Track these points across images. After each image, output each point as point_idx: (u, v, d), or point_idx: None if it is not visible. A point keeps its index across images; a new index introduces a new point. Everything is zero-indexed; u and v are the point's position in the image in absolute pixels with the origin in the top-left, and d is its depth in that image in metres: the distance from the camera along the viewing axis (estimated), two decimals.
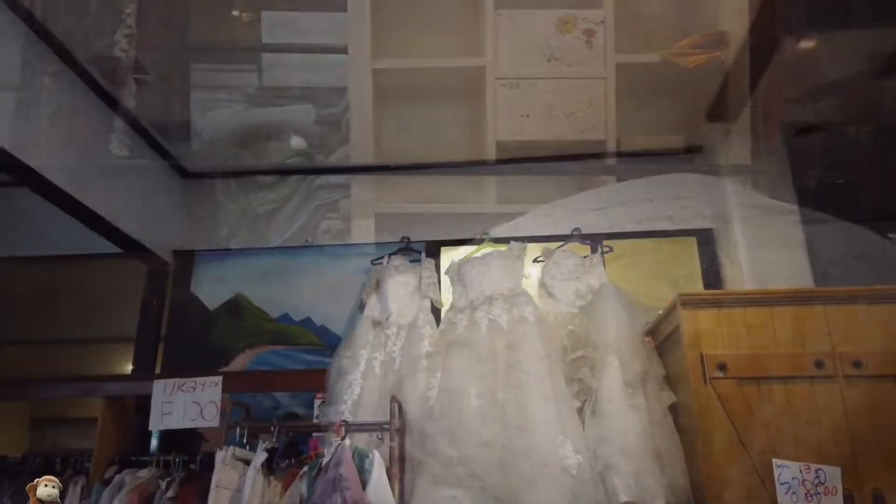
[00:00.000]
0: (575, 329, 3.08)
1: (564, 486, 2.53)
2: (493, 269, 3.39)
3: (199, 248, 3.90)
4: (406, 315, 3.39)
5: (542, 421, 2.70)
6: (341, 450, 2.48)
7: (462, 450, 2.72)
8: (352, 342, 3.29)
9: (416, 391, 3.00)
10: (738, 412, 2.37)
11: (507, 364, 2.97)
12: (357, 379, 3.11)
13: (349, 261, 3.80)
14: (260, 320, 3.73)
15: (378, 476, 2.48)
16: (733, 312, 2.51)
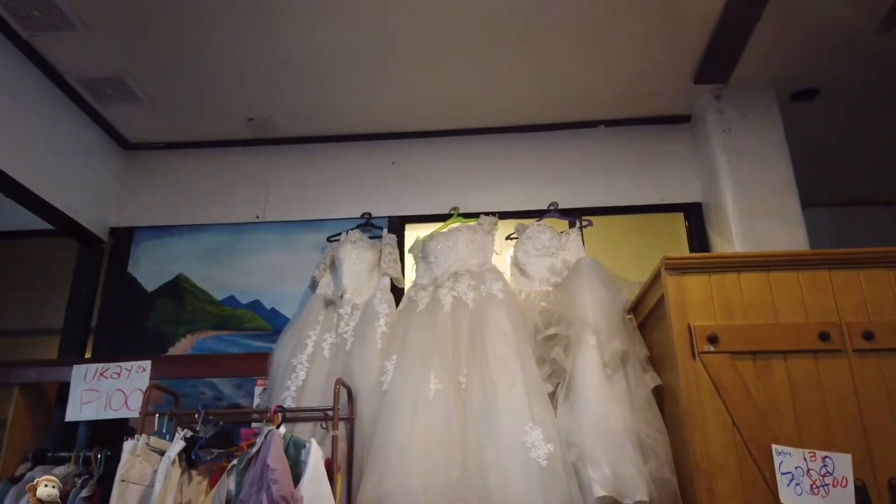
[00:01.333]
0: (548, 306, 2.75)
1: (533, 479, 2.18)
2: (461, 245, 3.06)
3: (139, 225, 3.54)
4: (362, 294, 3.04)
5: (509, 406, 2.36)
6: (271, 437, 2.12)
7: (418, 440, 2.36)
8: (299, 322, 2.94)
9: (368, 375, 2.65)
10: (732, 391, 2.04)
11: (470, 344, 2.64)
12: (302, 362, 2.75)
13: (303, 238, 3.46)
14: (203, 303, 3.37)
15: (315, 468, 2.12)
16: (726, 279, 2.18)
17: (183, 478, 2.22)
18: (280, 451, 2.07)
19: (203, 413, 2.32)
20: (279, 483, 1.99)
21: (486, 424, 2.37)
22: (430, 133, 3.59)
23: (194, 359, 3.05)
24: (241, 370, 2.91)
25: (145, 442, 2.19)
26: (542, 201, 3.33)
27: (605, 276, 2.77)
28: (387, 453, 2.34)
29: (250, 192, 3.56)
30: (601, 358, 2.44)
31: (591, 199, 3.42)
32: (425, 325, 2.74)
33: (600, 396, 2.32)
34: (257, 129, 3.53)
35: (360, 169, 3.58)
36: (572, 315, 2.58)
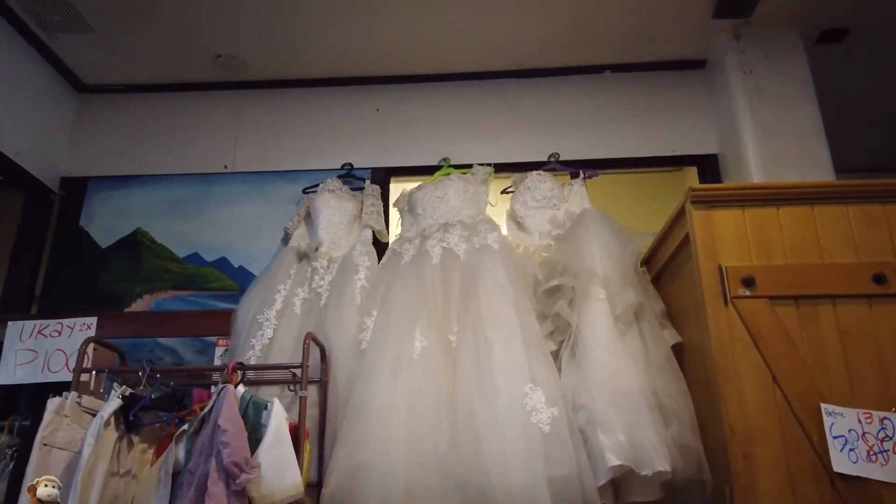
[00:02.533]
0: (550, 256, 2.42)
1: (534, 447, 1.86)
2: (452, 195, 2.73)
3: (93, 175, 3.17)
4: (340, 247, 2.70)
5: (505, 366, 2.04)
6: (224, 394, 1.78)
7: (400, 404, 2.03)
8: (268, 276, 2.60)
9: (345, 333, 2.32)
10: (772, 342, 1.72)
11: (462, 299, 2.30)
12: (270, 319, 2.41)
13: (277, 190, 3.11)
14: (163, 261, 3.01)
15: (276, 432, 1.78)
16: (763, 213, 1.86)
17: (120, 444, 1.88)
18: (233, 410, 1.74)
19: (148, 370, 1.98)
20: (231, 447, 1.65)
21: (479, 386, 2.04)
22: (418, 77, 3.26)
23: (148, 316, 2.70)
24: (200, 329, 2.57)
25: (75, 400, 1.84)
26: (541, 153, 3.01)
27: (615, 227, 2.44)
28: (363, 418, 2.00)
29: (218, 140, 3.21)
30: (612, 312, 2.12)
31: (595, 150, 3.10)
32: (411, 278, 2.41)
33: (612, 353, 2.00)
34: (226, 69, 3.17)
35: (341, 116, 3.23)
36: (578, 265, 2.25)
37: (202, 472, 1.68)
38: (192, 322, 2.60)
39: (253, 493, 1.69)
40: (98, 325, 2.43)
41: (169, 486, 1.88)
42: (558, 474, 1.83)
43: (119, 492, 1.85)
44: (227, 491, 1.63)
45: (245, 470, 1.64)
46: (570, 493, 1.80)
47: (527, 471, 1.84)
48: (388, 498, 1.83)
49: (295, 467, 1.77)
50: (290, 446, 1.79)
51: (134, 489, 1.92)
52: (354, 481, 1.88)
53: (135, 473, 1.93)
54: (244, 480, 1.63)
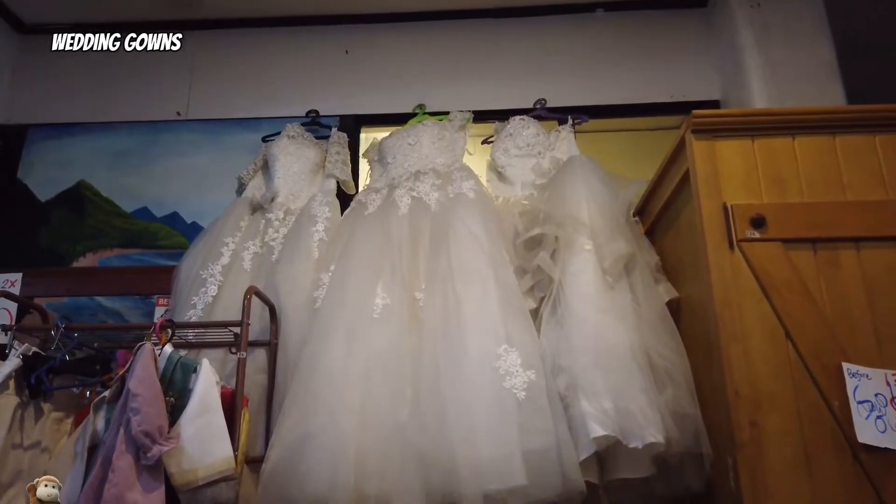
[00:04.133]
0: (531, 205, 2.14)
1: (508, 415, 1.61)
2: (426, 142, 2.45)
3: (33, 122, 2.88)
4: (300, 199, 2.42)
5: (477, 325, 1.78)
6: (139, 354, 1.51)
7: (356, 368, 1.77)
8: (216, 228, 2.32)
9: (298, 290, 2.05)
10: (785, 291, 1.46)
11: (432, 253, 2.04)
12: (215, 275, 2.14)
13: (234, 139, 2.82)
14: (108, 216, 2.73)
15: (203, 398, 1.52)
16: (775, 144, 1.59)
17: (24, 411, 1.61)
18: (147, 371, 1.47)
19: (62, 328, 1.70)
20: (142, 413, 1.39)
21: (446, 348, 1.78)
22: (391, 16, 2.96)
23: (79, 273, 2.42)
24: (140, 287, 2.30)
25: None
26: (526, 99, 2.72)
27: (604, 174, 2.17)
28: (312, 384, 1.75)
29: (170, 85, 2.91)
30: (599, 264, 1.85)
31: (586, 96, 2.81)
32: (375, 230, 2.13)
33: (598, 309, 1.74)
34: (178, 6, 2.86)
35: (306, 59, 2.93)
36: (562, 214, 1.98)
37: (109, 444, 1.42)
38: (130, 279, 2.33)
39: (171, 468, 1.43)
40: (24, 282, 2.16)
41: (85, 460, 1.62)
42: (535, 447, 1.58)
43: (23, 466, 1.59)
44: (137, 466, 1.37)
45: (158, 441, 1.38)
46: (547, 468, 1.55)
47: (498, 443, 1.59)
48: (335, 473, 1.58)
49: (225, 439, 1.51)
50: (219, 414, 1.52)
51: (46, 463, 1.66)
52: (298, 455, 1.62)
53: (45, 446, 1.67)
54: (156, 453, 1.37)
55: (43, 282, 2.21)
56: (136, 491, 1.34)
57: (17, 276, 2.16)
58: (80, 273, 2.44)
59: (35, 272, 2.32)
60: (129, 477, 1.34)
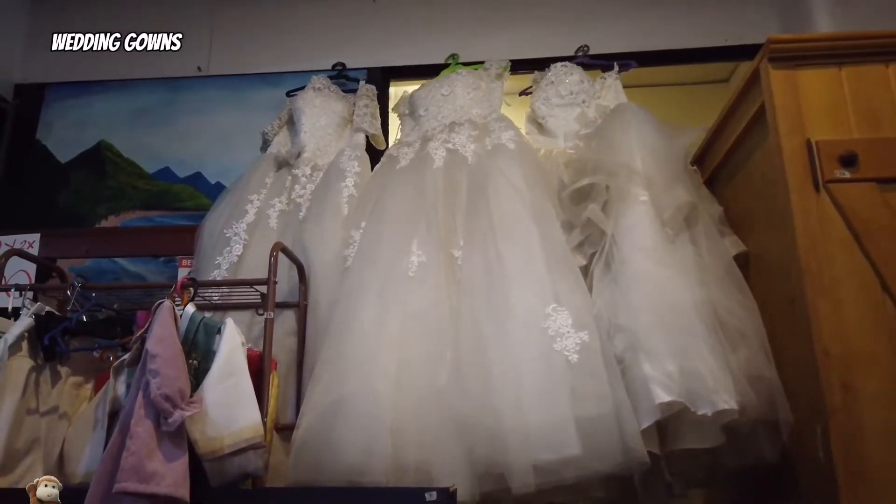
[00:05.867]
0: (579, 154, 1.97)
1: (559, 380, 1.46)
2: (460, 92, 2.27)
3: (51, 81, 2.77)
4: (327, 154, 2.28)
5: (522, 283, 1.63)
6: (158, 312, 1.39)
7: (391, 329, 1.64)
8: (239, 185, 2.19)
9: (327, 248, 1.92)
10: (881, 238, 1.28)
11: (470, 207, 1.88)
12: (239, 234, 2.01)
13: (257, 95, 2.69)
14: (130, 177, 2.62)
15: (228, 360, 1.40)
16: (868, 71, 1.39)
17: (39, 375, 1.51)
18: (166, 330, 1.35)
19: (79, 287, 1.59)
20: (161, 376, 1.27)
21: (488, 308, 1.63)
22: None
23: (99, 234, 2.32)
24: (162, 247, 2.19)
25: None
26: (567, 47, 2.53)
27: (657, 121, 1.98)
28: (344, 346, 1.61)
29: (190, 39, 2.77)
30: (657, 216, 1.68)
31: (631, 42, 2.60)
32: (408, 184, 1.98)
33: (658, 263, 1.57)
34: None
35: (332, 9, 2.77)
36: (613, 162, 1.81)
37: (127, 410, 1.30)
38: (152, 239, 2.22)
39: (195, 435, 1.31)
40: (42, 243, 2.06)
41: (106, 427, 1.52)
42: (589, 414, 1.43)
43: (40, 433, 1.49)
44: (157, 432, 1.25)
45: (179, 405, 1.26)
46: (604, 436, 1.40)
47: (548, 409, 1.44)
48: (371, 440, 1.45)
49: (252, 405, 1.39)
50: (246, 377, 1.40)
51: (64, 430, 1.57)
52: (331, 421, 1.50)
53: (64, 412, 1.57)
54: (178, 419, 1.25)
55: (62, 243, 2.11)
56: (156, 459, 1.22)
57: (35, 236, 2.06)
58: (100, 234, 2.34)
59: (53, 233, 2.22)
60: (149, 444, 1.22)
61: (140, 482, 1.18)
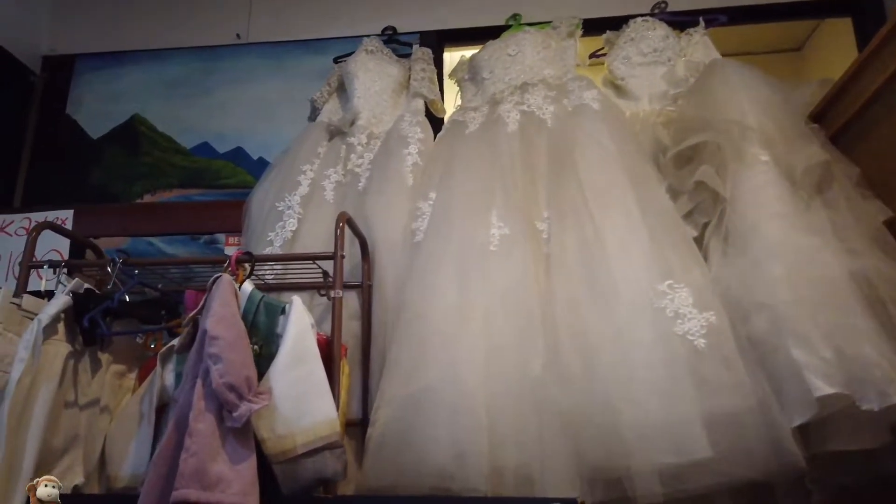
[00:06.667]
0: (681, 112, 1.73)
1: (682, 368, 1.24)
2: (529, 52, 2.04)
3: (81, 52, 2.59)
4: (383, 121, 2.06)
5: (625, 258, 1.41)
6: (216, 288, 1.18)
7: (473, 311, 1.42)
8: (289, 156, 1.99)
9: (393, 221, 1.71)
10: None
11: (553, 174, 1.66)
12: (293, 207, 1.80)
13: (301, 64, 2.47)
14: (166, 152, 2.43)
15: (297, 344, 1.19)
16: None
17: (78, 363, 1.31)
18: (228, 308, 1.14)
19: (119, 263, 1.39)
20: (224, 362, 1.06)
21: (587, 286, 1.41)
22: None
23: (136, 210, 2.13)
24: (204, 224, 1.99)
25: (10, 300, 1.26)
26: (641, 4, 2.27)
27: (764, 76, 1.74)
28: (423, 330, 1.40)
29: (228, 4, 2.56)
30: (786, 176, 1.44)
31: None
32: (480, 150, 1.76)
33: (798, 229, 1.34)
34: None
35: None
36: (724, 119, 1.57)
37: (183, 403, 1.10)
38: (193, 215, 2.02)
39: (263, 433, 1.10)
40: (75, 220, 1.87)
41: (153, 423, 1.32)
42: (723, 409, 1.20)
43: (80, 429, 1.30)
44: (220, 429, 1.04)
45: (246, 396, 1.05)
46: (744, 436, 1.17)
47: (671, 403, 1.22)
48: (463, 439, 1.24)
49: (327, 396, 1.18)
50: (318, 364, 1.19)
51: (106, 426, 1.37)
52: (413, 416, 1.29)
53: (105, 405, 1.37)
54: (245, 412, 1.04)
55: (96, 221, 1.92)
56: (220, 461, 1.02)
57: (68, 213, 1.87)
58: (136, 210, 2.14)
59: (87, 209, 2.03)
60: (212, 443, 1.02)
61: (203, 489, 0.97)
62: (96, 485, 1.31)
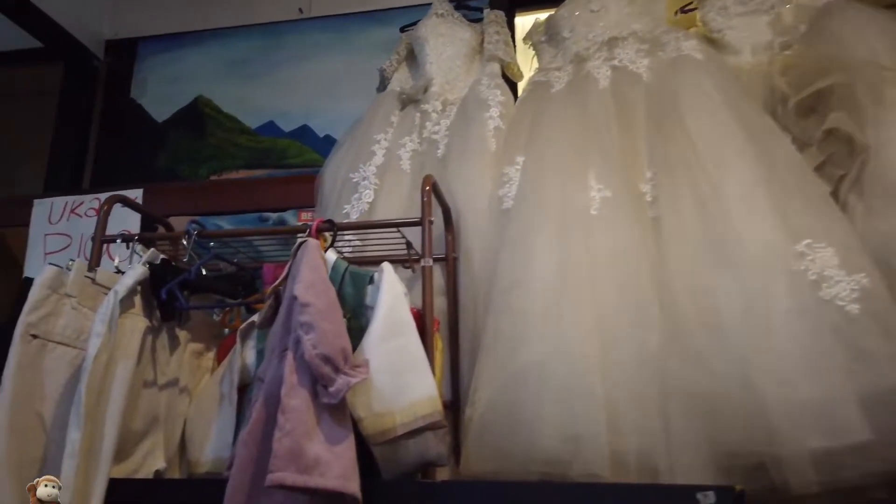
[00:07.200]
0: (797, 59, 1.54)
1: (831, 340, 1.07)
2: (613, 7, 1.87)
3: (143, 35, 2.54)
4: (457, 88, 1.93)
5: (751, 217, 1.25)
6: (302, 252, 1.07)
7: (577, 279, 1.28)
8: (361, 126, 1.88)
9: (476, 188, 1.58)
10: None
11: (654, 130, 1.50)
12: (368, 178, 1.70)
13: (366, 36, 2.36)
14: (231, 133, 2.36)
15: (391, 312, 1.07)
16: None
17: (156, 340, 1.22)
18: (318, 273, 1.03)
19: (194, 235, 1.30)
20: (317, 331, 0.94)
21: (708, 249, 1.25)
22: None
23: (206, 188, 2.06)
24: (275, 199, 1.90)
25: (85, 274, 1.18)
26: None
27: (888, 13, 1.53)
28: (522, 302, 1.27)
29: None
30: None
31: None
32: (569, 109, 1.62)
33: None
34: None
35: None
36: (855, 59, 1.38)
37: (272, 378, 0.99)
38: (263, 191, 1.93)
39: (359, 411, 0.99)
40: (145, 199, 1.81)
41: (235, 402, 1.23)
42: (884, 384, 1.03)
43: (159, 410, 1.21)
44: (315, 406, 0.93)
45: (343, 370, 0.94)
46: None
47: (819, 379, 1.06)
48: (578, 420, 1.10)
49: (425, 370, 1.06)
50: (414, 336, 1.07)
51: (185, 408, 1.29)
52: (518, 395, 1.16)
53: (184, 386, 1.29)
54: (343, 387, 0.92)
55: (166, 200, 1.86)
56: (316, 441, 0.90)
57: (138, 192, 1.81)
58: (206, 188, 2.08)
59: (157, 188, 1.98)
60: (307, 421, 0.90)
61: (300, 472, 0.86)
62: (177, 470, 1.23)
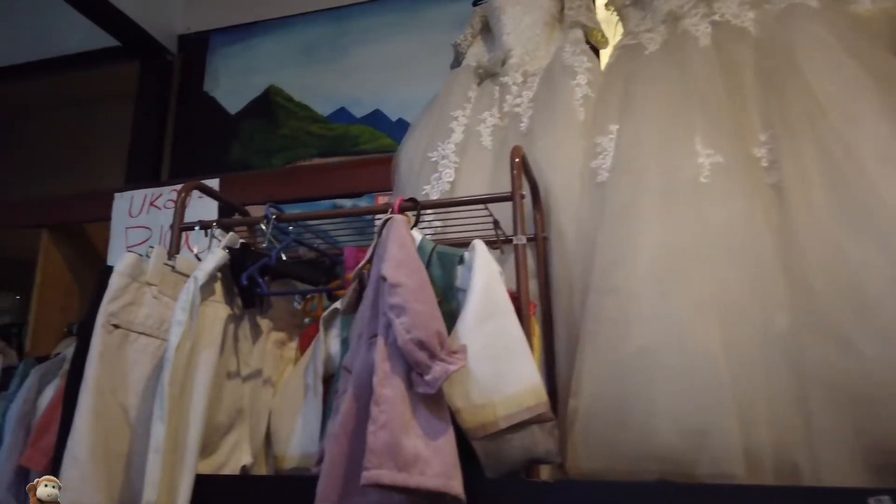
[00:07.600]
0: None
1: None
2: None
3: (214, 28, 2.54)
4: (538, 57, 1.80)
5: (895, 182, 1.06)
6: (388, 230, 0.98)
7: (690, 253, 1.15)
8: (437, 103, 1.78)
9: (566, 162, 1.45)
10: None
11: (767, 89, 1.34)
12: (448, 156, 1.60)
13: (437, 13, 2.28)
14: (303, 122, 2.32)
15: (484, 294, 0.97)
16: None
17: (238, 329, 1.16)
18: (407, 251, 0.93)
19: (272, 218, 1.24)
20: (409, 314, 0.85)
21: (841, 216, 1.09)
22: None
23: (281, 175, 2.02)
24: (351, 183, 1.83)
25: (164, 261, 1.14)
26: None
27: None
28: (629, 280, 1.14)
29: None
30: None
31: None
32: (667, 71, 1.46)
33: None
34: None
35: None
36: None
37: (361, 367, 0.90)
38: (338, 176, 1.87)
39: (457, 401, 0.89)
40: (220, 189, 1.77)
41: (321, 394, 1.16)
42: None
43: (244, 402, 1.15)
44: (410, 396, 0.84)
45: (439, 356, 0.84)
46: None
47: None
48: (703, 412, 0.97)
49: (527, 358, 0.95)
50: (513, 318, 0.96)
51: (269, 400, 1.23)
52: (629, 385, 1.03)
53: (268, 377, 1.23)
54: (440, 375, 0.83)
55: (242, 189, 1.82)
56: (414, 434, 0.81)
57: (214, 181, 1.78)
58: (281, 176, 2.05)
59: (233, 177, 1.95)
60: (403, 413, 0.82)
61: (399, 469, 0.77)
62: (263, 465, 1.17)
